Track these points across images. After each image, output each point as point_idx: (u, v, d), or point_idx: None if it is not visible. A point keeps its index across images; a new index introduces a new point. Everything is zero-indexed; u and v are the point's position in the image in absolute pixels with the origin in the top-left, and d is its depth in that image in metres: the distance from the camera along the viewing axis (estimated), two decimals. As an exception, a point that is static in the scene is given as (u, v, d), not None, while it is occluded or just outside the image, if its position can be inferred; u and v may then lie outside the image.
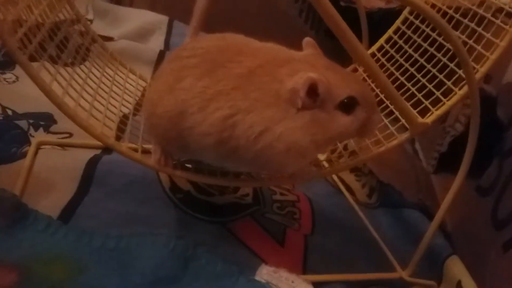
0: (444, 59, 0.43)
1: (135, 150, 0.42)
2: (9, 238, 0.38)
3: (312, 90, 0.32)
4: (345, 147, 0.46)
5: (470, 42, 0.43)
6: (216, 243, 0.43)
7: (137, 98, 0.61)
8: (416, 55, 0.46)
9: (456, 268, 0.45)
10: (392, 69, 0.48)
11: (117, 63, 0.57)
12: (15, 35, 0.36)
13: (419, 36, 0.47)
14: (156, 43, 0.78)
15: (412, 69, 0.46)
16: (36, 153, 0.49)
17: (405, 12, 0.52)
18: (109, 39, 0.72)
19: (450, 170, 0.67)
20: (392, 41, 0.51)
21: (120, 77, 0.55)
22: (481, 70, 0.40)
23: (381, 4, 0.65)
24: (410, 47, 0.48)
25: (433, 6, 0.53)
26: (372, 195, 0.57)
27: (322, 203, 0.53)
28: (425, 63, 0.45)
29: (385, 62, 0.49)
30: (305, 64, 0.34)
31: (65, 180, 0.46)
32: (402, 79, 0.46)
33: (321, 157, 0.48)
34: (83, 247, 0.39)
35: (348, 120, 0.34)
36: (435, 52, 0.45)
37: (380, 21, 0.56)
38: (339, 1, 0.67)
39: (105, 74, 0.51)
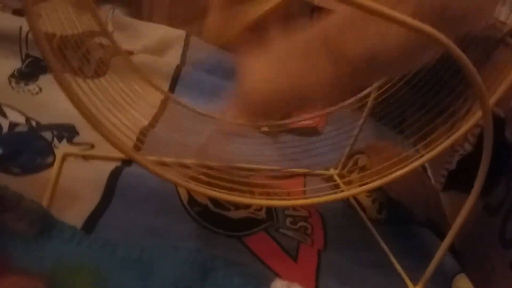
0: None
1: (156, 163, 0.44)
2: (37, 248, 0.40)
3: None
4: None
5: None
6: (232, 257, 0.44)
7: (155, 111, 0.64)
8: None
9: (464, 287, 0.46)
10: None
11: (137, 76, 0.58)
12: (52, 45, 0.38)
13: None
14: (173, 57, 0.81)
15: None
16: (62, 164, 0.51)
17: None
18: (129, 53, 0.75)
19: (459, 188, 0.68)
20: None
21: (139, 89, 0.57)
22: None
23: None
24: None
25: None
26: (382, 210, 0.58)
27: (333, 218, 0.55)
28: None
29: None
30: None
31: (88, 191, 0.48)
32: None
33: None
34: (107, 258, 0.41)
35: None
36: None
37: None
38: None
39: (124, 87, 0.53)
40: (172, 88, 0.73)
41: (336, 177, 0.60)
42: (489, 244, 0.48)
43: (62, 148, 0.54)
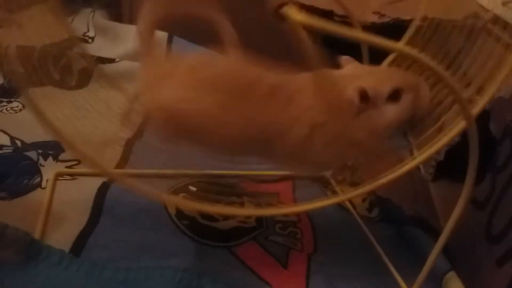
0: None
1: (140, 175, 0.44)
2: (24, 275, 0.40)
3: (364, 96, 0.39)
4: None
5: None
6: (221, 268, 0.45)
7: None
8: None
9: (454, 285, 0.46)
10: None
11: (117, 87, 0.58)
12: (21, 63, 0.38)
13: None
14: (156, 60, 0.80)
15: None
16: (54, 184, 0.51)
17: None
18: (111, 60, 0.74)
19: (447, 177, 0.69)
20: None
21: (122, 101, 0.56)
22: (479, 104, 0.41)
23: (374, 18, 0.66)
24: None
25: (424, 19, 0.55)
26: (372, 209, 0.58)
27: (322, 219, 0.55)
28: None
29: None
30: (352, 77, 0.41)
31: (76, 212, 0.48)
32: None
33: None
34: (94, 281, 0.41)
35: (398, 107, 0.41)
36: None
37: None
38: (332, 17, 0.68)
39: (106, 99, 0.52)
40: (157, 94, 0.73)
41: (331, 180, 0.60)
42: (476, 239, 0.48)
43: (50, 167, 0.54)
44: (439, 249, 0.43)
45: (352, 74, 0.42)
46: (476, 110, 0.39)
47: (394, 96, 0.40)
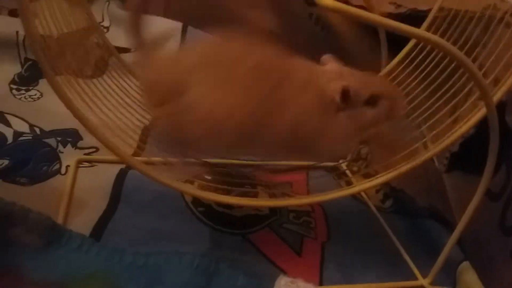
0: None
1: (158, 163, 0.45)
2: (46, 258, 0.41)
3: (345, 95, 0.39)
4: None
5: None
6: (237, 255, 0.46)
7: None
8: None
9: (468, 276, 0.46)
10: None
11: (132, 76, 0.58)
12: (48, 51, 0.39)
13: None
14: (171, 51, 0.80)
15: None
16: (76, 171, 0.52)
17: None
18: (126, 50, 0.75)
19: (462, 169, 0.68)
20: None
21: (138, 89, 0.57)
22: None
23: (390, 9, 0.66)
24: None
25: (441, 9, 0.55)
26: (386, 201, 0.59)
27: (335, 209, 0.55)
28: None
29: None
30: (336, 74, 0.41)
31: (96, 197, 0.49)
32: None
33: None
34: (115, 265, 0.42)
35: (375, 111, 0.41)
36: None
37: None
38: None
39: (123, 88, 0.53)
40: (172, 83, 0.73)
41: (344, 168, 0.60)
42: (490, 230, 0.49)
43: (69, 154, 0.55)
44: (454, 240, 0.43)
45: (335, 71, 0.42)
46: (497, 97, 0.39)
47: (372, 101, 0.41)
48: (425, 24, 0.54)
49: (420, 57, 0.52)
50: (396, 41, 0.56)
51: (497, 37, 0.49)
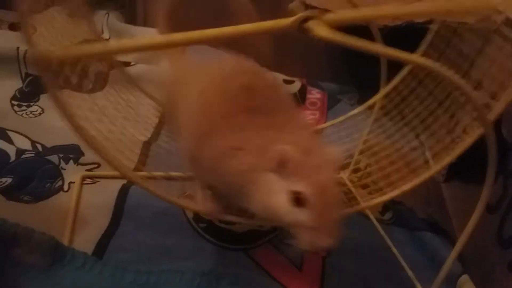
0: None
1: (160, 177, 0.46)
2: (50, 278, 0.42)
3: (283, 162, 0.34)
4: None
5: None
6: (238, 271, 0.46)
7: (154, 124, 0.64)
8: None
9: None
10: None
11: (135, 89, 0.59)
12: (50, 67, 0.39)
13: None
14: (170, 63, 0.81)
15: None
16: (81, 188, 0.53)
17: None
18: (127, 64, 0.75)
19: (460, 178, 0.69)
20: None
21: (138, 103, 0.57)
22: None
23: (387, 21, 0.66)
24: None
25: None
26: (386, 212, 0.59)
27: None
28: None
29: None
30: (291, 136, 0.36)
31: (98, 215, 0.50)
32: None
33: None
34: (117, 283, 0.43)
35: (291, 210, 0.34)
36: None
37: (386, 38, 0.57)
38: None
39: (123, 101, 0.54)
40: (171, 96, 0.74)
41: (347, 181, 0.60)
42: (488, 243, 0.49)
43: (71, 170, 0.55)
44: (455, 254, 0.43)
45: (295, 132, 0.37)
46: (492, 116, 0.39)
47: (296, 198, 0.34)
48: (423, 45, 0.54)
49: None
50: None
51: (494, 48, 0.49)
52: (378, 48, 0.31)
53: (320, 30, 0.30)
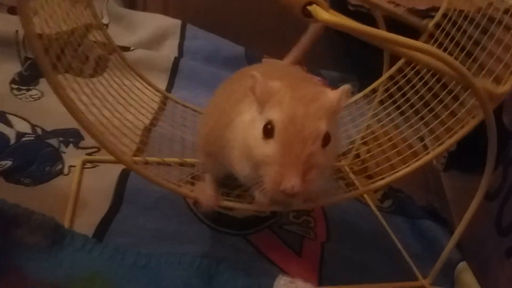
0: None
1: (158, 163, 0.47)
2: (50, 259, 0.42)
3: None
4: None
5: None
6: (237, 256, 0.46)
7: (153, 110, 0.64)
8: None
9: (465, 276, 0.47)
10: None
11: (134, 74, 0.58)
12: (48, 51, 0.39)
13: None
14: (170, 48, 0.81)
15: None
16: (82, 171, 0.52)
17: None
18: (126, 49, 0.75)
19: (459, 168, 0.69)
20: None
21: (138, 88, 0.57)
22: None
23: (388, 7, 0.66)
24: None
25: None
26: (385, 200, 0.59)
27: (334, 208, 0.56)
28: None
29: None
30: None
31: (99, 198, 0.50)
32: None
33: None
34: (117, 265, 0.43)
35: (260, 142, 0.33)
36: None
37: (388, 25, 0.57)
38: (347, 6, 0.68)
39: (123, 86, 0.53)
40: (171, 82, 0.74)
41: (346, 168, 0.61)
42: (486, 231, 0.49)
43: (71, 154, 0.55)
44: (454, 242, 0.44)
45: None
46: (494, 104, 0.39)
47: (266, 128, 0.33)
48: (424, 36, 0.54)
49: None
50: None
51: (496, 36, 0.49)
52: (378, 32, 0.31)
53: (323, 13, 0.30)
